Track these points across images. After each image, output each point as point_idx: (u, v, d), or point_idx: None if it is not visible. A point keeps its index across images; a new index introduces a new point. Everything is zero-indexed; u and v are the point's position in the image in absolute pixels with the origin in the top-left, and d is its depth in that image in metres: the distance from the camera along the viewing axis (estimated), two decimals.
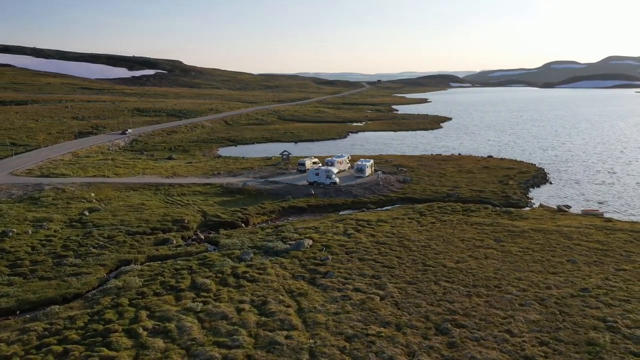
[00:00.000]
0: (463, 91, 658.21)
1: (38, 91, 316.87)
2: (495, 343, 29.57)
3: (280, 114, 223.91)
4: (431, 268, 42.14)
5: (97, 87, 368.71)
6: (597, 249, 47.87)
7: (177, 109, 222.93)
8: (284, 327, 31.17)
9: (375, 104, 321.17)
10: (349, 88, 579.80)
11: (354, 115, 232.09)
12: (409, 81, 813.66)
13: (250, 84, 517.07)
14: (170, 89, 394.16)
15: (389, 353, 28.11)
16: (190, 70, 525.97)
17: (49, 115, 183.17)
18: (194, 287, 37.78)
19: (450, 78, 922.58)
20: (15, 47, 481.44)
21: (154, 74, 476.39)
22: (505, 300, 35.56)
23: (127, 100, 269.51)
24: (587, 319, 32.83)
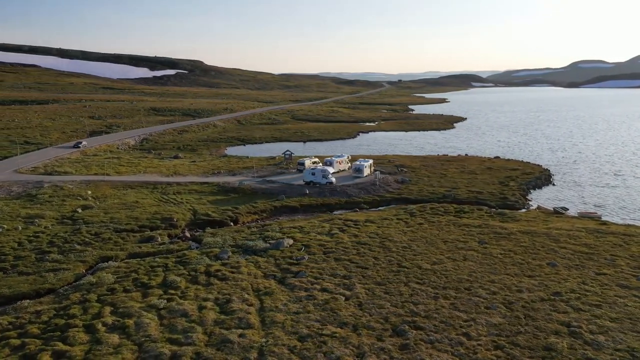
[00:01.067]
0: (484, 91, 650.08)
1: (61, 91, 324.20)
2: (449, 346, 29.21)
3: (294, 114, 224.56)
4: (405, 269, 41.82)
5: (118, 87, 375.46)
6: (582, 252, 46.85)
7: (192, 109, 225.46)
8: (241, 325, 31.34)
9: (392, 104, 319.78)
10: (368, 88, 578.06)
11: (368, 115, 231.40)
12: (431, 81, 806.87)
13: (270, 83, 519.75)
14: (189, 89, 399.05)
15: (337, 354, 28.03)
16: (210, 70, 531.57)
17: (67, 114, 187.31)
18: (164, 284, 38.23)
19: (473, 78, 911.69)
20: (42, 48, 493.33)
21: (174, 74, 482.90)
22: (471, 303, 35.09)
23: (145, 100, 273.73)
24: (551, 323, 32.18)
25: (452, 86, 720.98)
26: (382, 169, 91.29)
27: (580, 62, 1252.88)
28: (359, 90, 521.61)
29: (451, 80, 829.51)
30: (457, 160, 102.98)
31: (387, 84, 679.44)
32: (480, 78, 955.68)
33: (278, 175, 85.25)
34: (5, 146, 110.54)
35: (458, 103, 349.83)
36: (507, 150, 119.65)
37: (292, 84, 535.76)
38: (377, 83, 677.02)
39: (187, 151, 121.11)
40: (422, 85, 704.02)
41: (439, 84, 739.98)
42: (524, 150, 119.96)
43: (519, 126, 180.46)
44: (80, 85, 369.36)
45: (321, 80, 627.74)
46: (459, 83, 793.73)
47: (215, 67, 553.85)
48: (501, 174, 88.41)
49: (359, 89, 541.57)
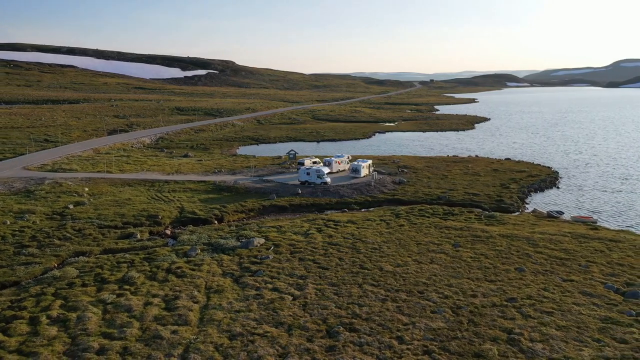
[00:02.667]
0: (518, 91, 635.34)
1: (94, 90, 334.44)
2: (377, 349, 28.89)
3: (315, 114, 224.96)
4: (366, 271, 41.50)
5: (149, 87, 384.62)
6: (558, 257, 45.45)
7: (215, 108, 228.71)
8: (178, 322, 31.81)
9: (418, 104, 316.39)
10: (397, 88, 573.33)
11: (390, 115, 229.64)
12: (464, 80, 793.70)
13: (299, 83, 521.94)
14: (218, 89, 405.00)
15: (260, 353, 28.13)
16: (241, 70, 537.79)
17: (93, 113, 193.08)
18: (122, 280, 39.10)
19: (508, 77, 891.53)
20: (79, 49, 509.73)
21: (205, 74, 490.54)
22: (418, 307, 34.57)
23: (172, 100, 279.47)
24: (492, 329, 31.40)
25: (485, 86, 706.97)
26: (383, 169, 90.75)
27: (623, 61, 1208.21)
28: (388, 90, 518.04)
29: (485, 80, 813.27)
30: (464, 162, 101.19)
31: (419, 84, 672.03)
32: (516, 78, 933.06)
33: (277, 174, 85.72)
34: (25, 144, 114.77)
35: (487, 103, 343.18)
36: (520, 152, 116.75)
37: (322, 84, 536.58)
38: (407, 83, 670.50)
39: (199, 150, 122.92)
40: (454, 85, 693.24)
41: (472, 84, 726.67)
42: (537, 152, 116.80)
43: (541, 127, 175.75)
44: (113, 85, 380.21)
45: (351, 80, 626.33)
46: (493, 83, 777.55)
47: (245, 67, 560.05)
48: (505, 176, 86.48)
49: (388, 89, 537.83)
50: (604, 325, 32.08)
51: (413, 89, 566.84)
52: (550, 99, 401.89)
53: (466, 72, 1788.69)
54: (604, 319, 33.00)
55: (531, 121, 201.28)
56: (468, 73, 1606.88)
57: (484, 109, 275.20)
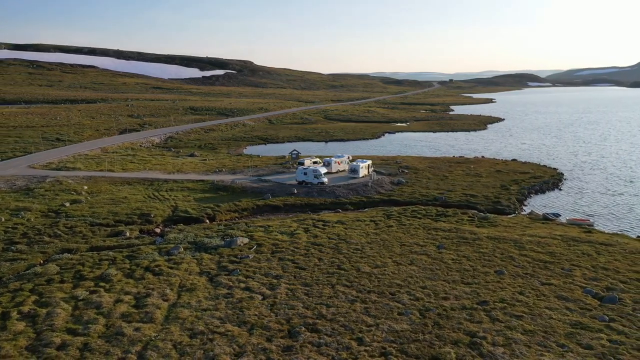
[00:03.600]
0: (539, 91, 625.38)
1: (114, 90, 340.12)
2: (334, 351, 28.82)
3: (327, 114, 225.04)
4: (342, 271, 41.42)
5: (167, 87, 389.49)
6: (542, 260, 44.72)
7: (229, 108, 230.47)
8: (143, 319, 32.20)
9: (433, 104, 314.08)
10: (415, 87, 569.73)
11: (403, 116, 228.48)
12: (484, 80, 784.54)
13: (316, 83, 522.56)
14: (235, 89, 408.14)
15: (217, 351, 28.31)
16: (258, 70, 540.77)
17: (108, 113, 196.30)
18: (99, 277, 39.72)
19: (529, 77, 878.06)
20: (100, 49, 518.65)
21: (223, 74, 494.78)
22: (386, 309, 34.36)
23: (188, 99, 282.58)
24: (456, 332, 31.06)
25: (505, 86, 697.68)
26: (384, 169, 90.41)
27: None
28: (405, 90, 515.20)
29: (505, 79, 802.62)
30: (468, 163, 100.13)
31: (437, 84, 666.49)
32: (538, 77, 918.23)
33: (276, 174, 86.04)
34: (37, 142, 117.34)
35: (504, 103, 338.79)
36: (528, 153, 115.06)
37: (339, 84, 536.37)
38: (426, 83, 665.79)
39: (207, 150, 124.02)
40: (474, 85, 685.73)
41: (492, 84, 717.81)
42: (545, 153, 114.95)
43: (554, 128, 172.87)
44: (132, 85, 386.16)
45: (369, 80, 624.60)
46: (514, 83, 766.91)
47: (263, 67, 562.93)
48: (507, 178, 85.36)
49: (405, 89, 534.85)
50: (573, 331, 31.47)
51: (431, 89, 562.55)
52: (570, 99, 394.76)
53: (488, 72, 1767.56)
54: (574, 324, 32.36)
55: (545, 121, 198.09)
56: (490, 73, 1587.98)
57: (500, 109, 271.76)
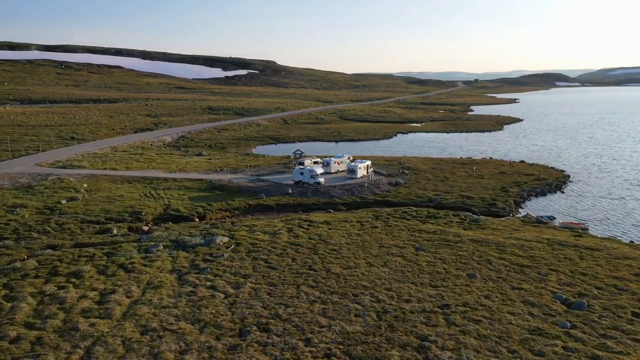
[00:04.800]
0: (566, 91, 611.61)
1: (137, 90, 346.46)
2: (279, 351, 28.88)
3: (343, 114, 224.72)
4: (312, 272, 41.43)
5: (190, 87, 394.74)
6: (520, 264, 43.89)
7: (245, 108, 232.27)
8: (101, 315, 32.85)
9: (454, 104, 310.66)
10: (439, 87, 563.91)
11: (420, 116, 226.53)
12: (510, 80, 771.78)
13: (338, 83, 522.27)
14: (257, 88, 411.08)
15: (162, 348, 28.69)
16: (281, 70, 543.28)
17: (126, 112, 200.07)
18: (73, 273, 40.65)
19: (557, 77, 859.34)
20: (127, 50, 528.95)
21: (245, 74, 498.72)
22: (344, 310, 34.25)
23: (207, 99, 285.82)
24: (407, 335, 30.77)
25: (532, 86, 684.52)
26: (386, 170, 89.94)
27: None
28: (428, 90, 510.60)
29: (533, 79, 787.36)
30: (473, 164, 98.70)
31: (462, 84, 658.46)
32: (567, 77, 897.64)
33: (276, 174, 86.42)
34: (51, 141, 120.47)
35: (527, 104, 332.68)
36: (537, 155, 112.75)
37: (361, 84, 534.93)
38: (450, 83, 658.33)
39: (216, 149, 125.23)
40: (500, 84, 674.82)
41: (519, 84, 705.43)
42: (555, 155, 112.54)
43: (571, 129, 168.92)
44: (155, 85, 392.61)
45: (392, 80, 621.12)
46: (541, 82, 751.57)
47: (286, 67, 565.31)
48: (509, 179, 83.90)
49: (428, 89, 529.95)
50: (529, 337, 30.82)
51: (454, 89, 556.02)
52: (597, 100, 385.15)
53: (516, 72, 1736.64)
54: (532, 330, 31.70)
55: (564, 122, 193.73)
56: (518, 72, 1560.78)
57: (521, 110, 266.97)
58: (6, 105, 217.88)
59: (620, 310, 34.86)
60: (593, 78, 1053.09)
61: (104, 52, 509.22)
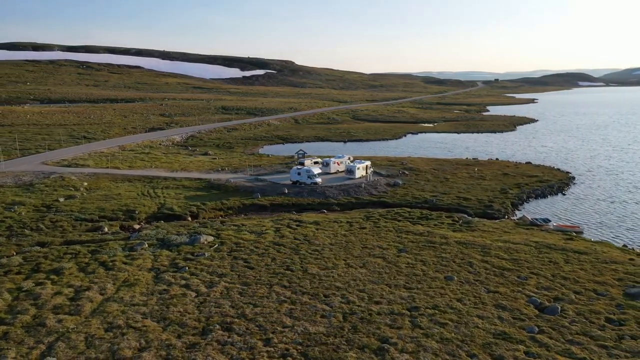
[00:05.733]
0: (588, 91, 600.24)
1: (155, 90, 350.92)
2: (237, 350, 29.04)
3: (356, 114, 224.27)
4: (289, 272, 41.53)
5: (207, 87, 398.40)
6: (501, 267, 43.34)
7: (259, 108, 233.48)
8: (71, 312, 33.45)
9: (470, 104, 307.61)
10: (457, 87, 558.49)
11: (433, 116, 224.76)
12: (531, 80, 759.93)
13: (355, 83, 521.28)
14: (273, 88, 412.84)
15: (122, 345, 29.09)
16: (298, 70, 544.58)
17: (141, 111, 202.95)
18: (54, 270, 41.47)
19: (580, 77, 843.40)
20: (147, 50, 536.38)
21: (263, 74, 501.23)
22: (311, 311, 34.25)
23: (223, 99, 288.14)
24: (369, 337, 30.65)
25: (554, 86, 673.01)
26: (386, 171, 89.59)
27: None
28: (446, 90, 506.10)
29: (554, 79, 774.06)
30: (477, 165, 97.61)
31: (481, 84, 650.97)
32: (590, 77, 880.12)
33: (276, 174, 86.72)
34: (62, 140, 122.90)
35: (546, 104, 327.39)
36: (545, 156, 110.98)
37: (379, 84, 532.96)
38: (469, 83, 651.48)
39: (223, 148, 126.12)
40: (520, 84, 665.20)
41: (540, 84, 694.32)
42: (563, 156, 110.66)
43: (584, 129, 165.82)
44: (173, 85, 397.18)
45: (410, 80, 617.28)
46: (563, 82, 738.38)
47: (304, 67, 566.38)
48: (511, 181, 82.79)
49: (447, 89, 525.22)
50: (492, 341, 30.42)
51: (473, 89, 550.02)
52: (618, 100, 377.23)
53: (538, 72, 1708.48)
54: (497, 334, 31.28)
55: (579, 123, 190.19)
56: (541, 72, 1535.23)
57: (538, 110, 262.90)
58: (26, 104, 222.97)
59: (594, 316, 34.18)
60: (618, 78, 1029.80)
61: (124, 53, 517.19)
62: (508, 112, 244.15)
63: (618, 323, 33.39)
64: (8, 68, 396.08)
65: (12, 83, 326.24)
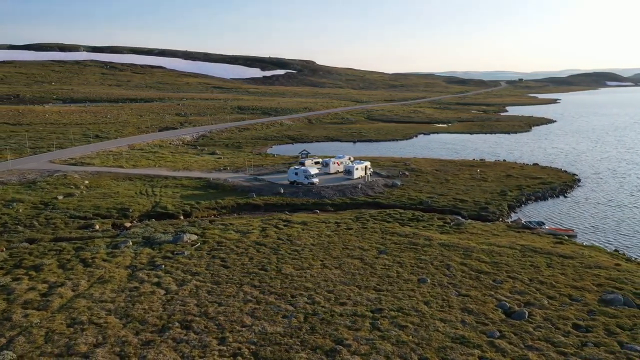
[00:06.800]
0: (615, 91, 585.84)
1: (176, 90, 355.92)
2: (189, 348, 29.32)
3: (371, 114, 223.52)
4: (262, 272, 41.73)
5: (227, 87, 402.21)
6: (479, 270, 42.78)
7: (274, 108, 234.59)
8: (39, 307, 34.26)
9: (489, 104, 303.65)
10: (479, 87, 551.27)
11: (449, 116, 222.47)
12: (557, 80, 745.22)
13: (375, 83, 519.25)
14: (292, 88, 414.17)
15: (79, 341, 29.67)
16: (319, 70, 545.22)
17: (157, 111, 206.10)
18: (34, 266, 42.52)
19: (608, 76, 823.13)
20: (170, 50, 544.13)
21: (283, 74, 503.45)
22: (274, 310, 34.37)
23: (240, 99, 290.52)
24: (324, 339, 30.61)
25: (581, 85, 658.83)
26: (387, 171, 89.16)
27: None
28: (467, 90, 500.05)
29: (581, 79, 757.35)
30: (482, 166, 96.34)
31: (505, 83, 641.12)
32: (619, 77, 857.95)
33: (276, 173, 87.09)
34: (75, 139, 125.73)
35: (568, 104, 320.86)
36: (553, 157, 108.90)
37: (399, 84, 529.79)
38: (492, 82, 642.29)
39: (232, 148, 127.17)
40: (545, 84, 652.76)
41: (565, 83, 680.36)
42: (572, 158, 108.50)
43: (600, 131, 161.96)
44: (194, 84, 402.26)
45: (432, 80, 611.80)
46: (590, 82, 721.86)
47: (324, 67, 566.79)
48: (513, 183, 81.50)
49: (468, 89, 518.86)
50: (448, 345, 30.06)
51: (495, 88, 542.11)
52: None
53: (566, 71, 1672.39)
54: (455, 338, 30.88)
55: (596, 124, 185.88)
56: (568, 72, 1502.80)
57: (557, 111, 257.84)
58: (47, 104, 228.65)
59: (562, 322, 33.46)
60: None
61: (148, 53, 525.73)
62: (527, 113, 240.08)
63: (585, 329, 32.65)
64: (35, 68, 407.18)
65: (38, 83, 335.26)
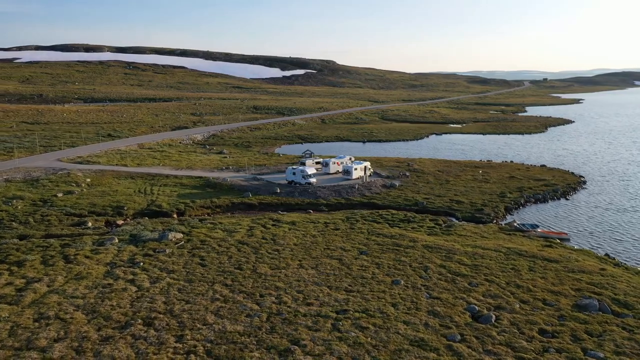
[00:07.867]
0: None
1: (196, 89, 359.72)
2: (146, 344, 29.69)
3: (385, 114, 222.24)
4: (237, 271, 42.00)
5: (247, 86, 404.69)
6: (457, 273, 42.31)
7: (289, 107, 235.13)
8: (11, 301, 35.13)
9: (509, 104, 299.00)
10: (501, 87, 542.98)
11: (464, 116, 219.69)
12: (583, 79, 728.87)
13: (395, 83, 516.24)
14: (311, 88, 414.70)
15: (40, 335, 30.34)
16: (339, 70, 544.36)
17: (173, 110, 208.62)
18: (18, 261, 43.56)
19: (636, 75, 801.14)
20: (191, 51, 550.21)
21: (303, 74, 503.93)
22: (239, 309, 34.58)
23: (257, 98, 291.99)
24: (282, 338, 30.68)
25: (608, 85, 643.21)
26: (388, 172, 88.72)
27: None
28: (489, 90, 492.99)
29: (608, 78, 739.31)
30: (486, 167, 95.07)
31: (529, 83, 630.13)
32: None
33: (275, 173, 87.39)
34: (87, 138, 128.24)
35: (591, 104, 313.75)
36: (562, 159, 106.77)
37: (419, 84, 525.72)
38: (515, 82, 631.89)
39: (240, 147, 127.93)
40: (570, 84, 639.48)
41: (591, 83, 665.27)
42: (581, 160, 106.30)
43: (616, 132, 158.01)
44: (214, 84, 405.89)
45: (453, 80, 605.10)
46: (617, 82, 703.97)
47: (344, 67, 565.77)
48: (515, 184, 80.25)
49: (490, 89, 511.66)
50: (405, 347, 29.82)
51: (518, 88, 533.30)
52: None
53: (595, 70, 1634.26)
54: (414, 341, 30.60)
55: (614, 125, 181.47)
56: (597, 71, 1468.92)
57: (577, 111, 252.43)
58: (68, 103, 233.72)
59: (528, 327, 32.86)
60: None
61: (170, 53, 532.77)
62: (546, 113, 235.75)
63: (551, 335, 32.02)
64: (60, 69, 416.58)
65: (62, 83, 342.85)
